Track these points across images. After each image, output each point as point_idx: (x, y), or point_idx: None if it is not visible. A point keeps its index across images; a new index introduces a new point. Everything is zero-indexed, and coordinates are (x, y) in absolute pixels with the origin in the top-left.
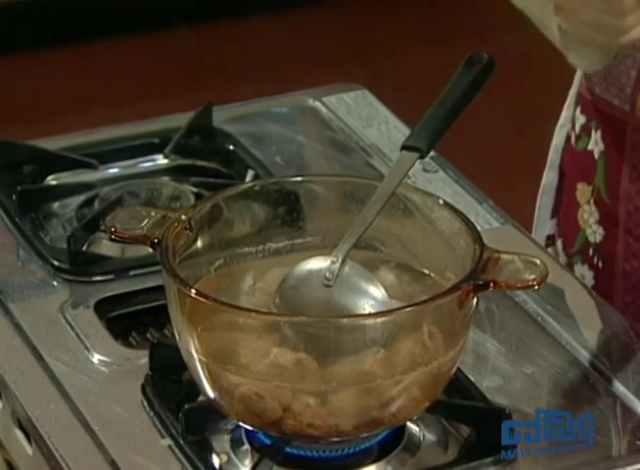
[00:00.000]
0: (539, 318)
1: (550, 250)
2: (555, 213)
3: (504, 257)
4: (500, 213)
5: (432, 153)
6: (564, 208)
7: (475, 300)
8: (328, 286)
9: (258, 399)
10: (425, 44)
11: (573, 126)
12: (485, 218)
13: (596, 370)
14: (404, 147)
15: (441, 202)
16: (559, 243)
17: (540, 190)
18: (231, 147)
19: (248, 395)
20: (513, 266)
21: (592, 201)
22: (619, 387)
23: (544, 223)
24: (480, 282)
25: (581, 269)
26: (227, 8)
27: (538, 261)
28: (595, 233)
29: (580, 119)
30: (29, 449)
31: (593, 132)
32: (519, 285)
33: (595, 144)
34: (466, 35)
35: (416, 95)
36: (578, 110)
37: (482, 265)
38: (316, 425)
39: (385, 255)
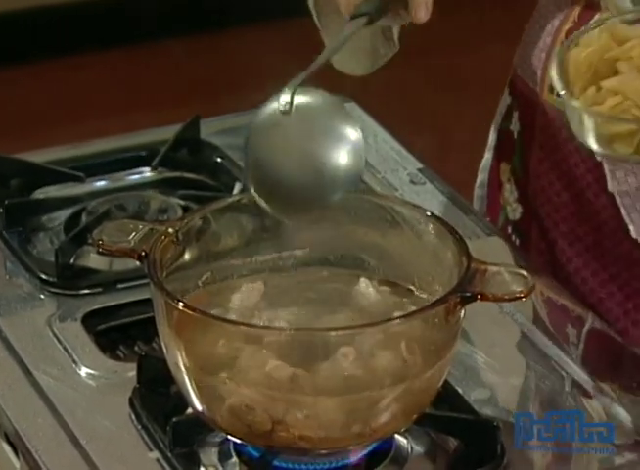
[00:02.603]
0: (526, 330)
1: None
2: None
3: (491, 268)
4: (487, 225)
5: (419, 165)
6: (489, 187)
7: (462, 312)
8: (285, 113)
9: (248, 410)
10: (412, 57)
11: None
12: (473, 230)
13: (584, 382)
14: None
15: (428, 214)
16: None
17: (479, 168)
18: (218, 159)
19: (237, 406)
20: (500, 278)
21: (512, 179)
22: (606, 398)
23: (482, 200)
24: (468, 294)
25: None
26: (214, 20)
27: (525, 273)
28: (514, 211)
29: (507, 100)
30: (17, 463)
31: (514, 112)
32: (506, 297)
33: (514, 124)
34: (452, 48)
35: (404, 108)
36: (507, 90)
37: (470, 277)
38: (307, 437)
39: (372, 267)
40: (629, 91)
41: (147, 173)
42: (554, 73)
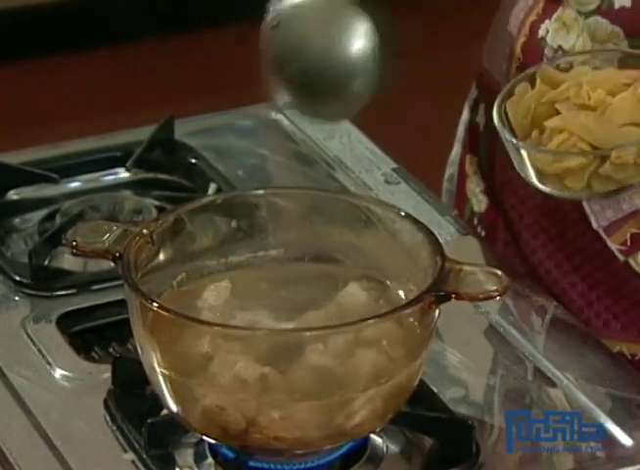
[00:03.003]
0: (501, 329)
1: None
2: None
3: (466, 268)
4: (462, 225)
5: (393, 165)
6: (458, 178)
7: (437, 311)
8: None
9: (221, 411)
10: None
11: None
12: (447, 230)
13: (558, 381)
14: None
15: (403, 213)
16: (453, 214)
17: (448, 162)
18: (193, 160)
19: (210, 407)
20: (475, 278)
21: (478, 171)
22: (581, 397)
23: (450, 194)
24: (442, 293)
25: None
26: (189, 21)
27: (500, 272)
28: (480, 203)
29: (474, 93)
30: None
31: (480, 105)
32: (481, 296)
33: (480, 117)
34: (426, 49)
35: (378, 107)
36: (475, 83)
37: (444, 277)
38: (282, 438)
39: (346, 266)
40: (574, 127)
41: (121, 174)
42: (497, 122)
